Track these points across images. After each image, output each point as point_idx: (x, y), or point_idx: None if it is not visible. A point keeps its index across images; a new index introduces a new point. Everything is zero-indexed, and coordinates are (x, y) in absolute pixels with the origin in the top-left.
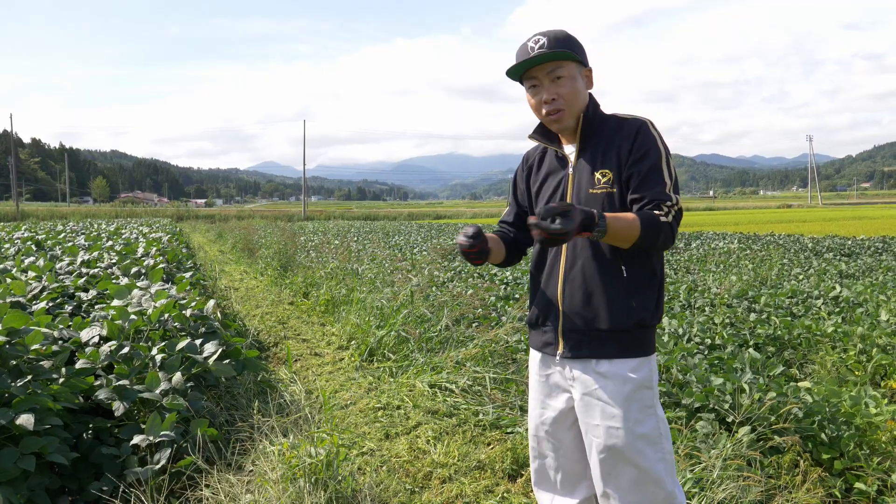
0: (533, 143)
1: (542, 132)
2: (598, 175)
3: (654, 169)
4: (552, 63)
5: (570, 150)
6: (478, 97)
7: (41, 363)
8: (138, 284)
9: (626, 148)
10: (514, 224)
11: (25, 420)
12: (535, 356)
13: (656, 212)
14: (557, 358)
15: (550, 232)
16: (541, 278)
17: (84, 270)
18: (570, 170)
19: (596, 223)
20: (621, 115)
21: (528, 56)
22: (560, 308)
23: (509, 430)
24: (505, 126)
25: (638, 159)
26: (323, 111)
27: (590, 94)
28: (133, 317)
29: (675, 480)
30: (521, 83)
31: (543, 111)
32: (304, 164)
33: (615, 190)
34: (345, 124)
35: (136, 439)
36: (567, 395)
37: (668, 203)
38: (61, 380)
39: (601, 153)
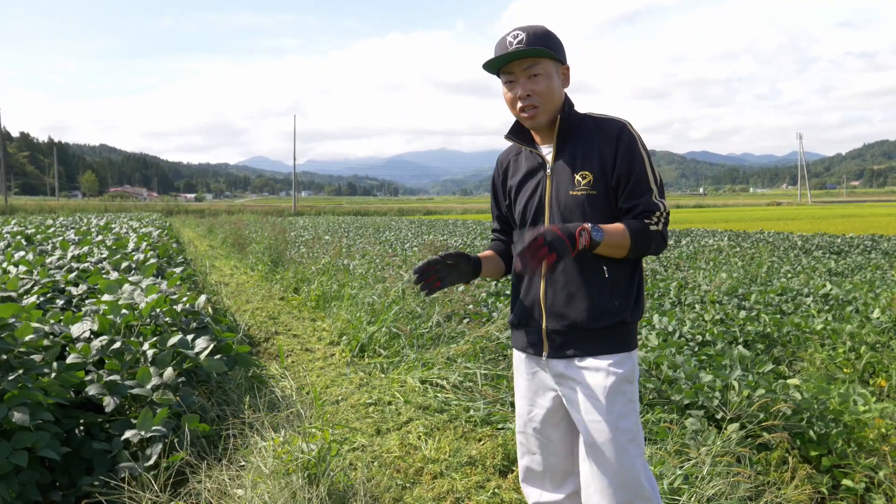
0: (507, 146)
1: (517, 133)
2: (577, 177)
3: (641, 176)
4: (529, 60)
5: (546, 150)
6: (470, 93)
7: (32, 357)
8: (129, 279)
9: (610, 152)
10: (503, 231)
11: (19, 417)
12: (519, 356)
13: (646, 220)
14: (542, 358)
15: (540, 252)
16: (523, 280)
17: (74, 265)
18: (548, 171)
19: (588, 232)
20: (596, 115)
21: (506, 51)
22: (543, 309)
23: (500, 426)
24: (496, 122)
25: (624, 166)
26: (314, 106)
27: (565, 94)
28: (124, 312)
29: (651, 475)
30: (499, 77)
31: (517, 107)
32: (295, 159)
33: (595, 192)
34: (336, 119)
35: (128, 434)
36: (553, 392)
37: (658, 213)
38: (52, 374)
39: (580, 154)
